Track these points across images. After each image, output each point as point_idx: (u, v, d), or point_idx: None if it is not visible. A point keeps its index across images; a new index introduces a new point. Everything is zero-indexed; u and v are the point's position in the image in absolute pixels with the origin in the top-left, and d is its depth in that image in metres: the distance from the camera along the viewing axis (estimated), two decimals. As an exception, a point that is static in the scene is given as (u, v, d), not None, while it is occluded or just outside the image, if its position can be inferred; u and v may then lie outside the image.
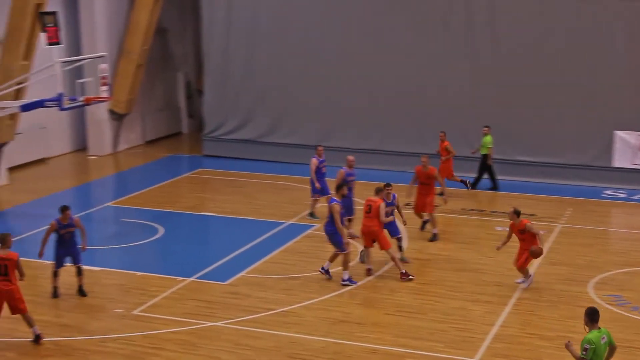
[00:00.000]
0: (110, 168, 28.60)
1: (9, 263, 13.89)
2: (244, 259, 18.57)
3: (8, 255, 13.95)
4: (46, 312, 15.69)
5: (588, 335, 10.79)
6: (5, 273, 13.88)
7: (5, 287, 13.90)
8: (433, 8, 26.25)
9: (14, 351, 14.07)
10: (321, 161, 21.35)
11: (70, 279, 16.62)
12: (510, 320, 15.28)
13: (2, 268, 13.87)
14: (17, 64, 23.80)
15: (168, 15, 32.08)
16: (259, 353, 13.91)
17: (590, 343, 10.70)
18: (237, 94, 28.99)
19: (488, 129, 24.27)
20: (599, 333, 10.89)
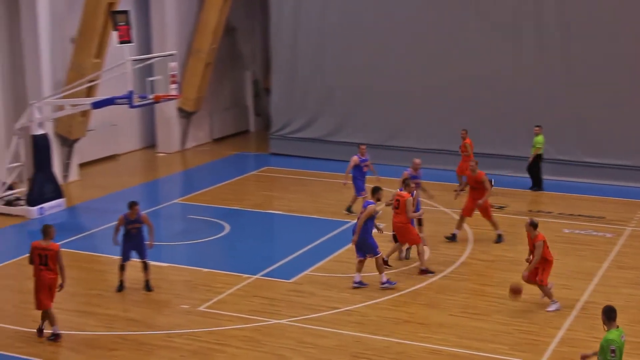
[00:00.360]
0: (178, 165, 28.96)
1: (49, 253, 14.22)
2: (308, 257, 18.65)
3: (49, 245, 14.30)
4: (114, 306, 15.97)
5: (609, 336, 10.57)
6: (46, 263, 14.22)
7: (48, 276, 14.25)
8: (503, 7, 26.00)
9: (83, 344, 14.36)
10: (362, 160, 21.44)
11: (137, 274, 16.88)
12: (577, 324, 15.08)
13: (43, 258, 14.22)
14: (89, 62, 24.25)
15: (237, 14, 32.34)
16: (322, 351, 13.96)
17: (614, 343, 10.49)
18: (304, 92, 29.10)
19: (539, 129, 24.03)
20: (618, 332, 10.71)
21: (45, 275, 14.24)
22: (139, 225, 16.53)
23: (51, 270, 14.25)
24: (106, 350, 14.05)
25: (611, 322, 10.73)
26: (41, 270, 14.24)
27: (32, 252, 14.33)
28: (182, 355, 13.83)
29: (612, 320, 10.74)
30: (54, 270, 14.27)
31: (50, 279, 14.26)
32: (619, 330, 10.72)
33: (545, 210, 22.42)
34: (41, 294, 14.34)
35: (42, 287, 14.30)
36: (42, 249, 14.25)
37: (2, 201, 22.42)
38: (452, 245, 19.30)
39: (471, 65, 26.45)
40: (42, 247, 14.27)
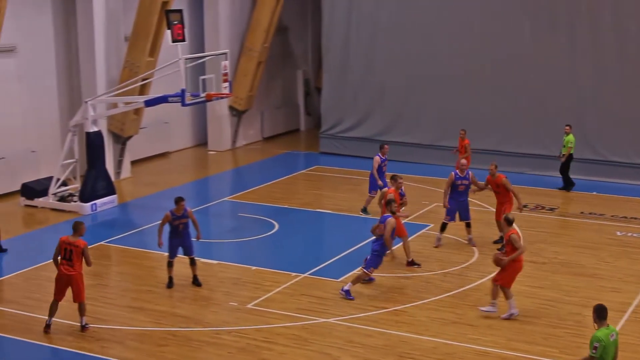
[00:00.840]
0: (228, 163, 29.13)
1: (74, 249, 14.38)
2: (357, 256, 18.60)
3: (76, 242, 14.44)
4: (163, 302, 16.12)
5: (597, 333, 10.65)
6: (70, 258, 14.38)
7: (67, 272, 14.40)
8: (556, 8, 25.72)
9: (133, 339, 14.52)
10: (383, 160, 21.58)
11: (186, 271, 17.02)
12: (629, 328, 14.87)
13: (67, 253, 14.39)
14: (143, 60, 24.51)
15: (289, 13, 32.47)
16: (369, 351, 13.95)
17: (600, 341, 10.56)
18: (355, 92, 29.10)
19: (570, 128, 23.79)
20: (608, 330, 10.74)
21: (62, 270, 14.45)
22: (185, 221, 16.64)
23: (72, 267, 14.39)
24: (155, 346, 14.19)
25: (602, 320, 10.81)
26: (61, 265, 14.45)
27: (58, 245, 14.55)
28: (229, 352, 13.92)
29: (602, 319, 10.82)
30: (75, 268, 14.40)
31: (68, 275, 14.40)
32: (609, 328, 10.79)
33: (597, 212, 22.15)
34: (55, 287, 14.58)
35: (57, 280, 14.54)
36: (69, 243, 14.45)
37: (56, 197, 22.76)
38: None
39: (525, 68, 26.20)
40: (69, 242, 14.46)
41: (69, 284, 14.49)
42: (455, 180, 19.13)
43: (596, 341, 10.62)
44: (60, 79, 25.31)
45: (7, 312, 15.73)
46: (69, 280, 14.45)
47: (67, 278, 14.44)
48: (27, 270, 17.86)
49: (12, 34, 23.16)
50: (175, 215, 16.58)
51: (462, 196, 19.19)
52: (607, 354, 10.68)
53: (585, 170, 25.37)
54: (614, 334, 10.82)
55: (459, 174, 19.20)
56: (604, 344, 10.62)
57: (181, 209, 16.57)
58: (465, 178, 19.24)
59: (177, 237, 16.71)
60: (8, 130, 23.63)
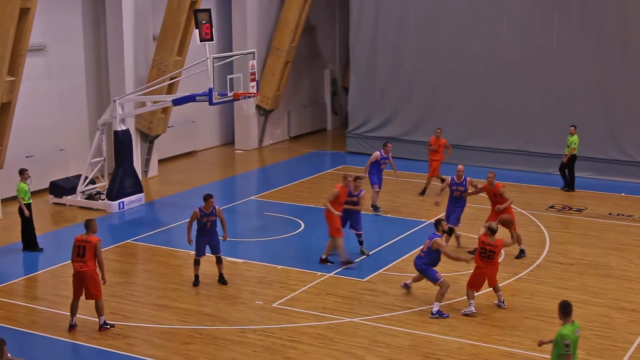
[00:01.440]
0: (255, 162, 29.19)
1: (87, 245, 14.47)
2: (382, 256, 18.64)
3: (88, 238, 14.56)
4: (190, 300, 16.19)
5: (563, 330, 10.80)
6: (83, 254, 14.48)
7: (80, 269, 14.49)
8: (584, 7, 25.54)
9: (159, 337, 14.60)
10: (383, 157, 21.80)
11: (212, 269, 17.09)
12: (656, 330, 14.78)
13: (80, 249, 14.48)
14: (171, 59, 24.63)
15: (317, 13, 32.49)
16: (394, 351, 13.94)
17: (568, 337, 10.73)
18: (383, 91, 29.07)
19: (574, 129, 23.64)
20: (573, 327, 10.89)
21: (76, 267, 14.52)
22: (213, 219, 16.67)
23: (84, 263, 14.46)
24: (181, 344, 14.26)
25: (567, 317, 10.96)
26: (75, 262, 14.54)
27: (73, 245, 14.65)
28: (254, 351, 13.96)
29: (567, 316, 10.96)
30: (87, 263, 14.47)
31: (81, 272, 14.47)
32: (574, 325, 10.93)
33: (626, 213, 21.98)
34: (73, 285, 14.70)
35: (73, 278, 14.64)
36: (82, 240, 14.56)
37: (84, 195, 22.93)
38: (530, 247, 19.01)
39: (551, 65, 26.04)
40: (82, 239, 14.57)
41: (83, 281, 14.56)
42: (451, 186, 18.98)
43: (565, 338, 10.80)
44: (89, 78, 25.49)
45: (36, 309, 15.88)
46: (83, 277, 14.53)
47: (81, 275, 14.52)
48: (55, 267, 18.01)
49: (42, 34, 23.38)
50: (203, 212, 16.61)
51: (458, 201, 18.96)
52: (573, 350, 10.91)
53: (614, 171, 25.22)
54: (578, 330, 11.03)
55: (455, 180, 18.94)
56: (572, 340, 10.82)
57: (210, 206, 16.59)
58: (461, 184, 18.87)
59: (204, 235, 16.76)
60: (37, 128, 23.83)
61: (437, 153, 23.75)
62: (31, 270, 18.02)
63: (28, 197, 19.03)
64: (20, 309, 15.94)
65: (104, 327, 14.72)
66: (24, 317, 15.54)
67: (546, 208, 22.29)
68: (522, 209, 22.21)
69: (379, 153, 21.86)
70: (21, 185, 18.89)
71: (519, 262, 18.04)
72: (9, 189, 22.00)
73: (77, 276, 14.60)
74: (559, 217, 21.53)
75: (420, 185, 24.31)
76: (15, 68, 20.38)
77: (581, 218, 21.41)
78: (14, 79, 20.44)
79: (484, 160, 26.82)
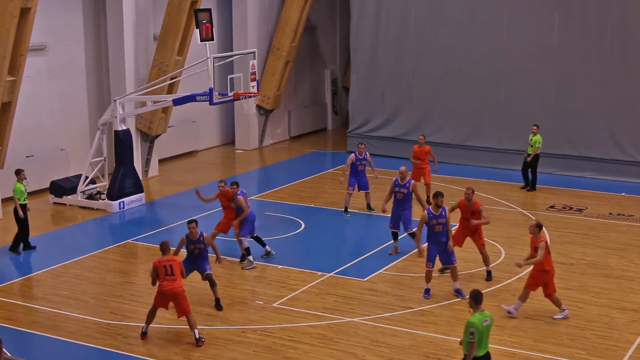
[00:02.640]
0: (255, 162, 29.19)
1: (174, 264, 14.17)
2: (383, 256, 18.62)
3: (172, 257, 14.29)
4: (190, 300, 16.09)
5: (471, 319, 11.11)
6: (172, 273, 14.13)
7: (170, 286, 14.12)
8: (584, 7, 25.50)
9: (160, 337, 14.59)
10: (358, 158, 21.72)
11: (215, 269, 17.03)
12: (657, 330, 14.77)
13: (168, 268, 14.11)
14: (171, 59, 24.62)
15: (317, 12, 32.49)
16: (395, 351, 13.93)
17: (474, 326, 11.01)
18: (383, 91, 29.06)
19: (537, 128, 23.70)
20: (482, 316, 11.18)
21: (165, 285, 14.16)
22: (201, 246, 15.62)
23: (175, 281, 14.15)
24: (181, 344, 14.25)
25: (477, 305, 11.30)
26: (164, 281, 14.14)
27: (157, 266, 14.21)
28: (255, 351, 13.95)
29: (478, 304, 11.30)
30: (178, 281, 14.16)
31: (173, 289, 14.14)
32: (483, 314, 11.22)
33: (626, 213, 21.97)
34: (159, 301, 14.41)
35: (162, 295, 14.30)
36: (167, 260, 14.19)
37: (84, 195, 22.93)
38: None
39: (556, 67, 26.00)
40: (166, 259, 14.20)
41: (175, 298, 14.19)
42: (394, 187, 18.63)
43: (470, 327, 11.08)
44: (89, 78, 25.50)
45: (36, 308, 15.88)
46: (175, 295, 14.15)
47: (173, 292, 14.14)
48: (56, 267, 18.02)
49: (43, 33, 23.38)
50: (190, 240, 15.62)
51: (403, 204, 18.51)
52: (481, 339, 11.14)
53: (615, 171, 25.21)
54: (488, 319, 11.26)
55: (399, 181, 18.51)
56: (479, 328, 11.06)
57: (195, 233, 15.52)
58: (404, 186, 18.46)
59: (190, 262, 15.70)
60: (38, 128, 23.84)
61: (422, 161, 22.70)
62: (31, 270, 18.02)
63: (24, 198, 18.97)
64: (20, 308, 15.93)
65: (201, 340, 14.26)
66: (24, 317, 15.53)
67: (547, 208, 22.29)
68: (522, 209, 22.22)
69: (354, 155, 21.78)
70: (17, 186, 18.85)
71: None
72: (9, 189, 21.98)
73: (167, 294, 14.18)
74: (559, 217, 21.52)
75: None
76: (15, 68, 20.38)
77: (582, 218, 21.40)
78: (14, 79, 20.44)
79: (484, 160, 26.82)
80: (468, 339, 11.14)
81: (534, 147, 23.72)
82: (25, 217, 18.91)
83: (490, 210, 21.96)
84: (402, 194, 18.51)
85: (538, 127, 23.86)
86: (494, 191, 23.98)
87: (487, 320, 11.26)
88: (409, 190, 18.47)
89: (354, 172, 21.79)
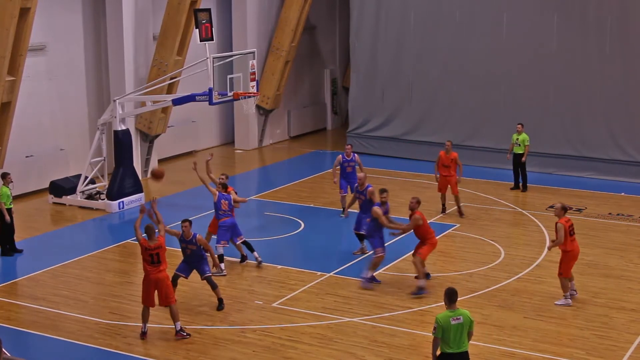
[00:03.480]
0: (255, 162, 29.19)
1: (160, 251, 14.27)
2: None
3: (158, 242, 14.32)
4: (189, 300, 16.16)
5: (438, 315, 11.29)
6: (158, 261, 14.24)
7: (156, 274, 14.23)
8: (584, 7, 25.50)
9: (159, 337, 14.59)
10: (345, 160, 21.49)
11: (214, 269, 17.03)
12: (656, 330, 14.77)
13: (154, 257, 14.20)
14: (171, 59, 24.63)
15: (317, 12, 32.49)
16: (394, 351, 13.93)
17: (437, 322, 11.21)
18: (383, 91, 29.06)
19: (522, 127, 23.71)
20: (452, 313, 11.29)
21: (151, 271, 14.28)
22: (193, 247, 15.46)
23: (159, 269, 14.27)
24: (181, 344, 14.25)
25: (451, 303, 11.39)
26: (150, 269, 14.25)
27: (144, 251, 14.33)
28: (254, 351, 13.95)
29: (452, 302, 11.39)
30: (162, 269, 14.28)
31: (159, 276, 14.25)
32: (454, 312, 11.31)
33: (625, 213, 21.97)
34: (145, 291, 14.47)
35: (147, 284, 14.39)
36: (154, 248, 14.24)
37: (84, 195, 22.93)
38: (530, 247, 19.03)
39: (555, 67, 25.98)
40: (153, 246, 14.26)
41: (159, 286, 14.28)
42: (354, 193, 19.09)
43: (435, 322, 11.25)
44: (89, 78, 25.50)
45: (35, 308, 15.87)
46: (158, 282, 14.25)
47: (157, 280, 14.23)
48: (55, 267, 18.02)
49: (42, 33, 23.38)
50: (182, 239, 15.53)
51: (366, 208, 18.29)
52: (447, 336, 11.24)
53: (614, 171, 25.20)
54: (461, 317, 11.31)
55: (357, 188, 18.74)
56: (442, 325, 11.19)
57: (188, 234, 15.39)
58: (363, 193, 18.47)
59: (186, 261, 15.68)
60: (37, 128, 23.84)
61: (448, 168, 21.31)
62: (30, 270, 18.00)
63: (10, 202, 18.83)
64: (19, 308, 15.93)
65: (180, 333, 14.38)
66: (24, 317, 15.53)
67: (546, 208, 22.28)
68: (522, 209, 22.23)
69: (341, 156, 21.61)
70: (3, 190, 18.64)
71: (519, 262, 18.02)
72: (8, 189, 21.99)
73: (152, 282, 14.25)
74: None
75: (419, 184, 24.34)
76: (15, 68, 20.39)
77: (581, 218, 21.39)
78: (14, 79, 20.45)
79: (484, 160, 26.81)
80: (432, 332, 11.31)
81: (523, 147, 23.68)
82: (12, 221, 18.78)
83: (489, 210, 22.04)
84: (362, 200, 18.60)
85: (522, 125, 23.82)
86: (493, 191, 23.98)
87: (458, 319, 11.29)
88: (367, 197, 18.31)
89: (343, 174, 21.61)
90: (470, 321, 11.48)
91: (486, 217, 21.57)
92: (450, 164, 21.24)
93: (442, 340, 11.25)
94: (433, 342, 11.41)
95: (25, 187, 23.39)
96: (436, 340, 11.31)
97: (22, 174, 23.13)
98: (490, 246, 19.21)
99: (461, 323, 11.34)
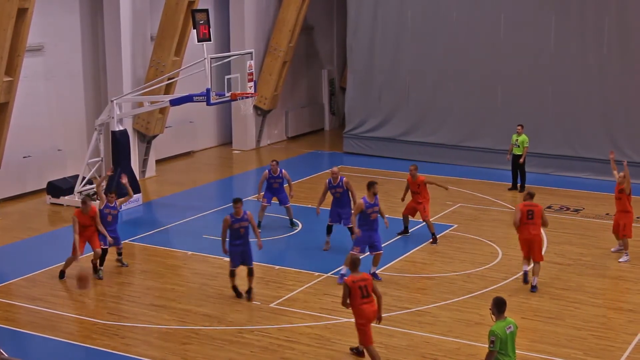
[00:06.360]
0: (253, 163, 29.18)
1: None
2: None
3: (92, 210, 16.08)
4: (187, 301, 16.16)
5: (493, 327, 10.95)
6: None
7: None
8: (582, 8, 25.52)
9: (157, 338, 14.59)
10: (272, 177, 20.62)
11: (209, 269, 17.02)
12: (654, 330, 14.78)
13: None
14: (168, 59, 24.62)
15: (315, 13, 32.50)
16: (392, 351, 13.94)
17: (495, 335, 10.86)
18: (380, 92, 29.07)
19: (522, 128, 23.75)
20: (505, 323, 11.01)
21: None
22: (245, 224, 15.82)
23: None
24: (178, 344, 14.25)
25: (500, 314, 11.09)
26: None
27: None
28: (252, 352, 13.95)
29: (501, 313, 11.09)
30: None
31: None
32: (506, 321, 11.05)
33: (623, 214, 21.96)
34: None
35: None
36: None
37: (81, 196, 22.88)
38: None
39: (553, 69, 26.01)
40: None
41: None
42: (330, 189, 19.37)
43: (492, 335, 10.93)
44: (86, 78, 25.48)
45: (33, 309, 15.86)
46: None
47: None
48: (53, 267, 17.98)
49: (40, 34, 23.36)
50: (235, 219, 15.75)
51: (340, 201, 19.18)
52: (505, 347, 10.97)
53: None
54: (512, 326, 11.08)
55: (332, 182, 19.24)
56: (500, 337, 10.91)
57: (240, 212, 15.71)
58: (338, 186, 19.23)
59: (238, 245, 15.90)
60: (35, 128, 23.81)
61: (417, 195, 19.75)
62: (29, 270, 17.98)
63: None
64: (17, 309, 15.92)
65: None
66: (21, 318, 15.52)
67: (544, 208, 22.24)
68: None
69: (267, 172, 20.76)
70: None
71: (516, 263, 18.02)
72: (6, 190, 22.01)
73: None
74: (556, 217, 21.52)
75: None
76: (12, 68, 20.37)
77: (578, 218, 21.42)
78: (11, 79, 20.43)
79: (481, 161, 26.84)
80: (490, 347, 10.92)
81: (522, 148, 23.71)
82: None
83: (487, 211, 22.06)
84: (339, 193, 19.11)
85: (522, 126, 23.85)
86: (491, 192, 24.00)
87: (510, 327, 11.03)
88: (344, 188, 19.10)
89: (270, 190, 20.77)
90: (516, 327, 11.24)
91: (484, 217, 21.59)
92: (419, 190, 19.63)
93: (499, 352, 10.92)
94: (489, 355, 10.98)
95: (22, 188, 23.38)
96: (493, 353, 10.96)
97: (20, 175, 23.13)
98: (488, 247, 19.22)
99: (513, 332, 11.08)
